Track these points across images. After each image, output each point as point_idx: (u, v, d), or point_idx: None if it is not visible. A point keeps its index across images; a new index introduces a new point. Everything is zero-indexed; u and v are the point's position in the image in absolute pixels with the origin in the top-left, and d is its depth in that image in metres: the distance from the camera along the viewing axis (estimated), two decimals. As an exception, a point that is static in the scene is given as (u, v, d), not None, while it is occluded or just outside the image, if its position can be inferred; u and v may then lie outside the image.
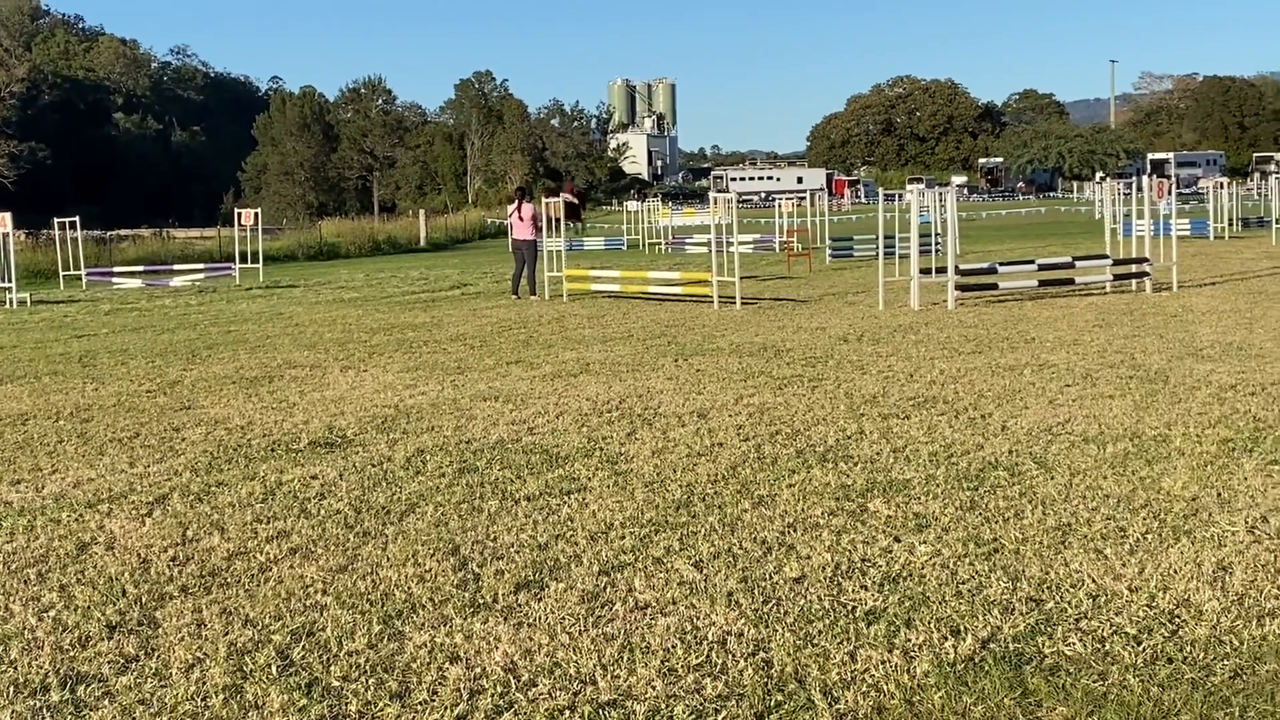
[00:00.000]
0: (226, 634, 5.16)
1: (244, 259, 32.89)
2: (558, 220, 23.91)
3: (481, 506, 7.15)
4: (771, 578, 5.68)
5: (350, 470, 8.20)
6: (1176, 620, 4.98)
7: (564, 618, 5.24)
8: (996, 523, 6.45)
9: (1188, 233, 35.77)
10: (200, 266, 34.87)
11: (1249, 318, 15.47)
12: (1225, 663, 4.54)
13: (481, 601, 5.50)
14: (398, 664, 4.78)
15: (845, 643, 4.85)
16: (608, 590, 5.59)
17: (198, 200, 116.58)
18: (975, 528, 6.37)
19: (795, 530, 6.45)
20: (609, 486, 7.54)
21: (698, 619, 5.18)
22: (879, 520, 6.59)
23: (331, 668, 4.76)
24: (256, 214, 34.46)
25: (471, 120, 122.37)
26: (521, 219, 23.63)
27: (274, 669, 4.76)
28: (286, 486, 7.79)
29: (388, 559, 6.14)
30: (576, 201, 50.41)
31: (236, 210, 35.39)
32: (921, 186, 29.36)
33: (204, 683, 4.65)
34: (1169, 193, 27.37)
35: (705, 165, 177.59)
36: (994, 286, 19.49)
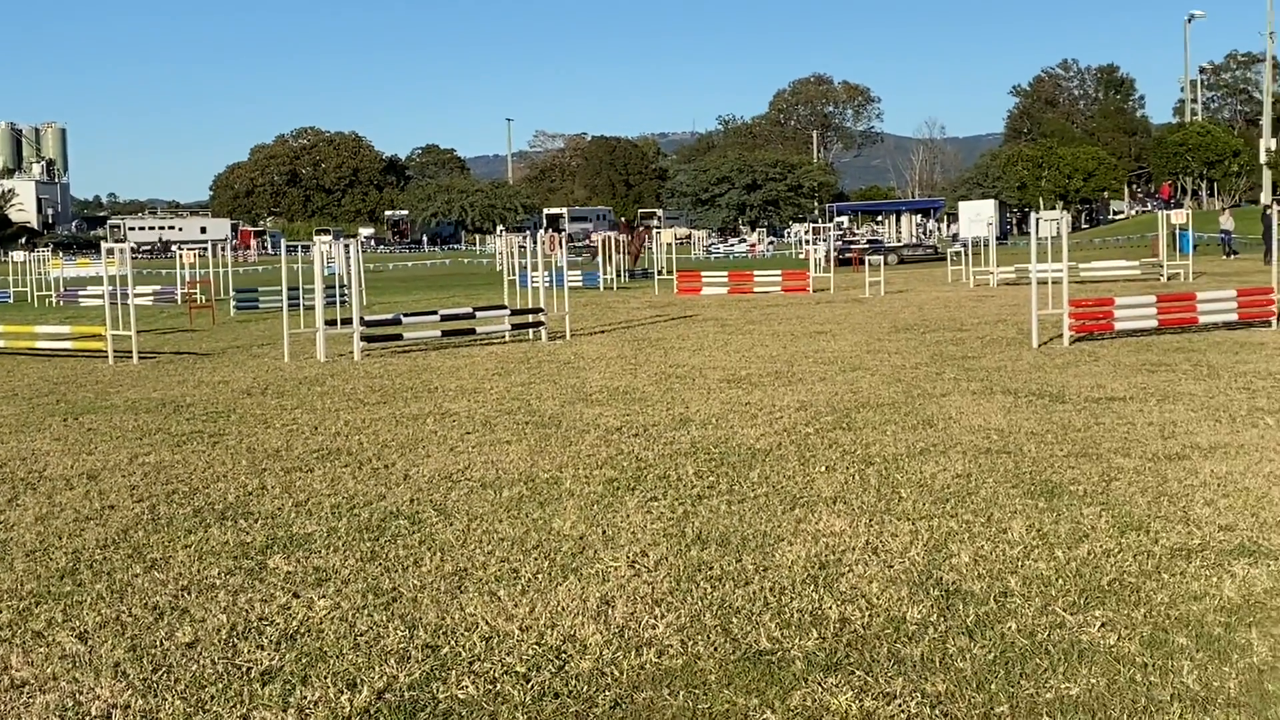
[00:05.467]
0: None
1: None
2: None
3: None
4: (163, 644, 5.45)
5: None
6: (563, 655, 5.22)
7: (-75, 707, 4.79)
8: (396, 572, 6.52)
9: (580, 284, 37.77)
10: None
11: (633, 364, 16.53)
12: (607, 693, 4.80)
13: None
14: None
15: (239, 706, 4.74)
16: (-21, 672, 5.16)
17: None
18: (375, 578, 6.40)
19: (190, 593, 6.23)
20: (-16, 559, 6.98)
21: (81, 694, 4.89)
22: (279, 577, 6.49)
23: None
24: None
25: None
26: None
27: None
28: None
29: None
30: (628, 237, 48.30)
31: None
32: (328, 237, 29.36)
33: None
34: (562, 246, 28.92)
35: (102, 214, 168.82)
36: (399, 337, 19.75)
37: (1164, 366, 14.15)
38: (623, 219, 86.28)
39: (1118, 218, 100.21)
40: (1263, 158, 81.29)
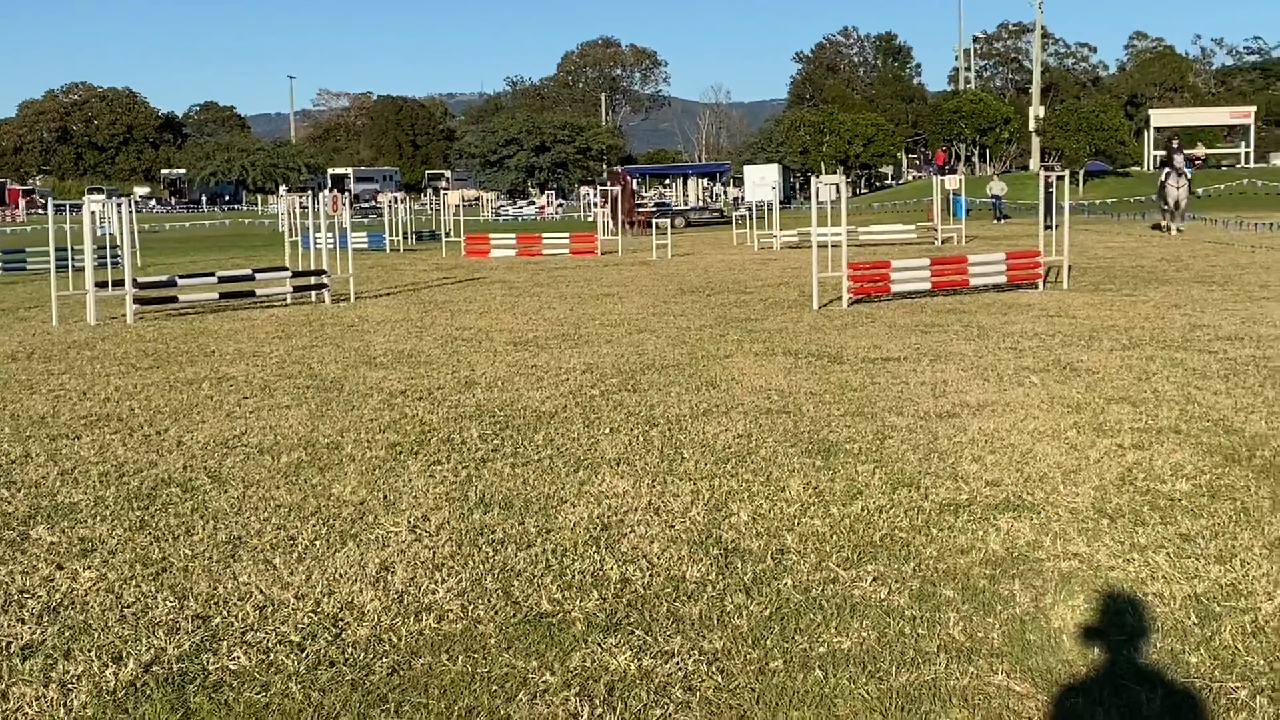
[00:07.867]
0: None
1: None
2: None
3: None
4: (-86, 622, 5.18)
5: None
6: (340, 623, 5.13)
7: None
8: (167, 541, 6.32)
9: (365, 246, 37.17)
10: None
11: (420, 326, 16.35)
12: (384, 660, 4.74)
13: None
14: None
15: (-3, 683, 4.53)
16: None
17: None
18: (145, 548, 6.20)
19: (-55, 567, 5.93)
20: None
21: None
22: (41, 548, 6.23)
23: None
24: None
25: None
26: None
27: None
28: None
29: None
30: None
31: None
32: (102, 197, 28.29)
33: None
34: (346, 206, 28.39)
35: None
36: (174, 300, 19.13)
37: (937, 327, 14.59)
38: (616, 168, 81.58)
39: (901, 183, 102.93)
40: (1032, 125, 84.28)
